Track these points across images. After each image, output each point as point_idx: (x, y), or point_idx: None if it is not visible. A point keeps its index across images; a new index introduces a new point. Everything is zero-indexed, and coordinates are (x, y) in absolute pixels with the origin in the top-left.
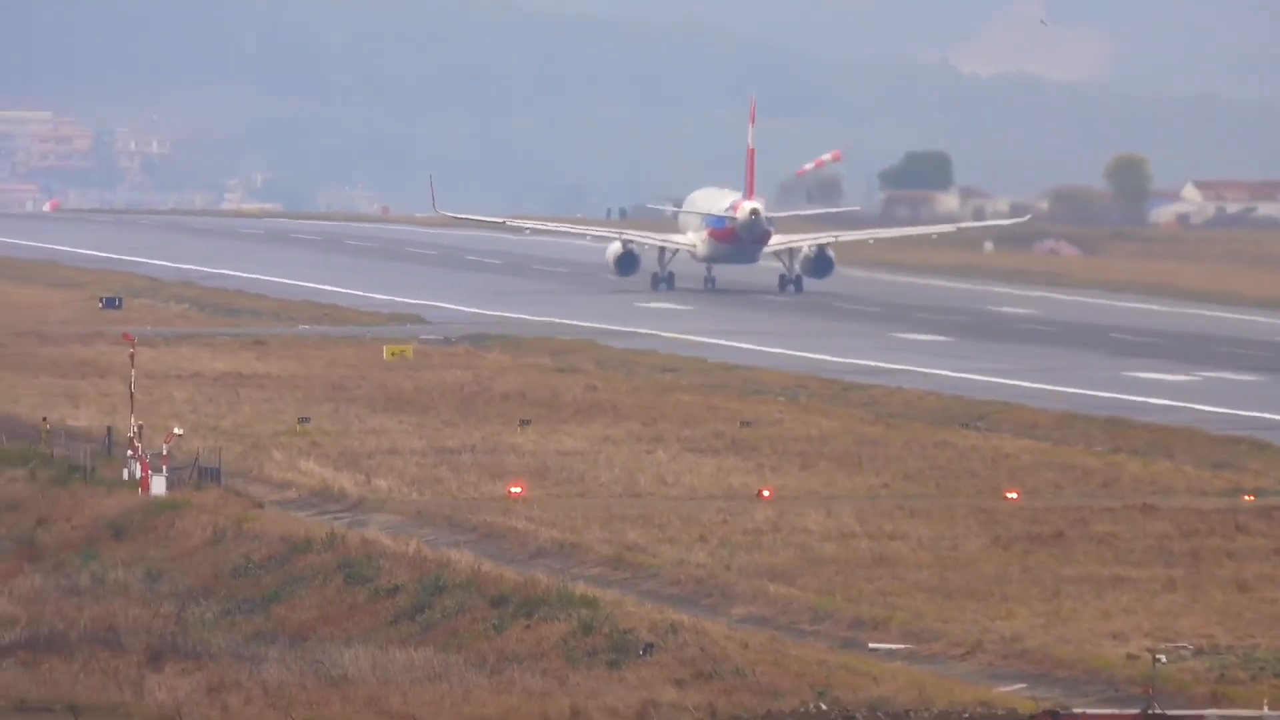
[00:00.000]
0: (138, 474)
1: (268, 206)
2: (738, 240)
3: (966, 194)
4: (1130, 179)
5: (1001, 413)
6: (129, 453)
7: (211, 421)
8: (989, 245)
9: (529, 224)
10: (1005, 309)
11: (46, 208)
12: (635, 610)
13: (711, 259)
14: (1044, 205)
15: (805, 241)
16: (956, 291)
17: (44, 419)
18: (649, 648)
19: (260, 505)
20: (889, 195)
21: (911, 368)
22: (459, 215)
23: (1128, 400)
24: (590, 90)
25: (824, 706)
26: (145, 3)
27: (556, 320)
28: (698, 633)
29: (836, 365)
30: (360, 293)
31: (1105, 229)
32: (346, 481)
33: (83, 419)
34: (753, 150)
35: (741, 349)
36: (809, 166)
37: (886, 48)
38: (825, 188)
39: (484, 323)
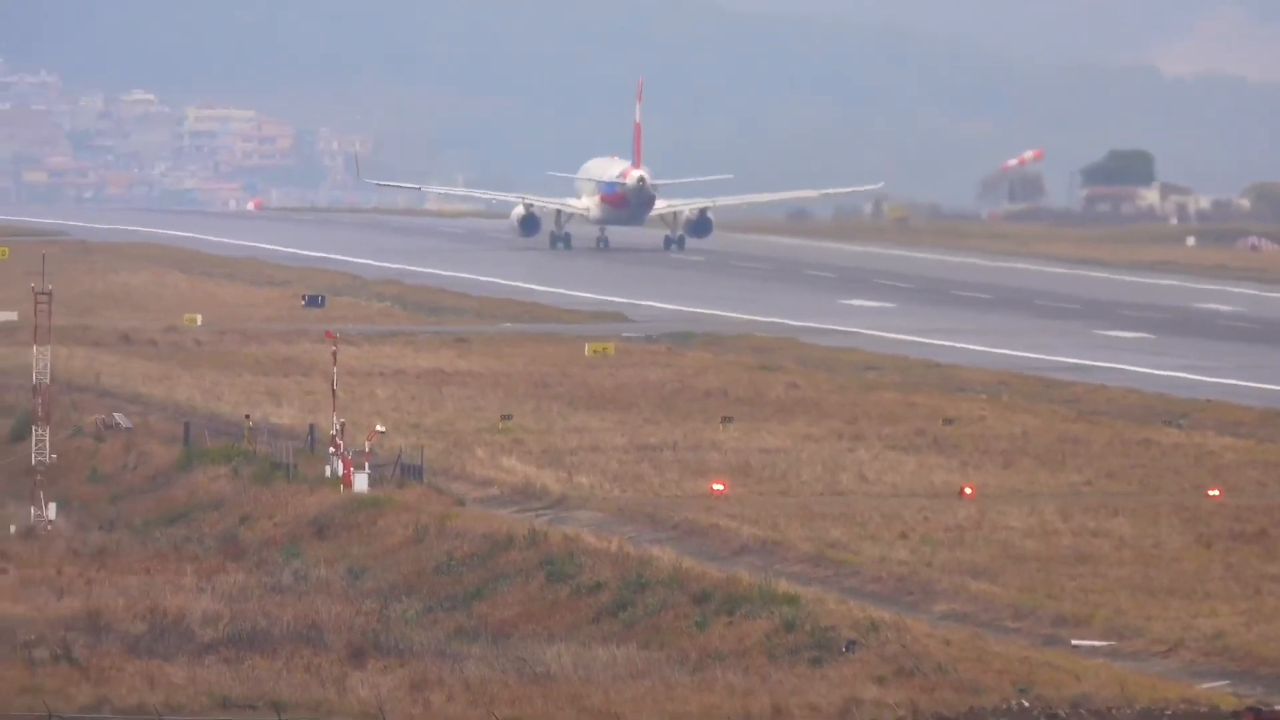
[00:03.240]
0: (340, 471)
1: (469, 205)
2: (627, 204)
3: (1167, 190)
4: None
5: (1204, 410)
6: (331, 450)
7: (414, 419)
8: (1191, 240)
9: (448, 190)
10: (1209, 305)
11: (250, 206)
12: (837, 608)
13: (603, 221)
14: (1245, 203)
15: (687, 206)
16: (1150, 287)
17: (247, 416)
18: (851, 645)
19: (462, 503)
20: (1090, 191)
21: (1114, 365)
22: (381, 183)
23: None
24: (788, 90)
25: (1026, 704)
26: (347, 1)
27: (758, 318)
28: (899, 630)
29: (1038, 362)
30: (561, 290)
31: None
32: (548, 479)
33: (285, 416)
34: (639, 125)
35: (943, 346)
36: (1012, 162)
37: (1086, 49)
38: (1027, 184)
39: (686, 320)
